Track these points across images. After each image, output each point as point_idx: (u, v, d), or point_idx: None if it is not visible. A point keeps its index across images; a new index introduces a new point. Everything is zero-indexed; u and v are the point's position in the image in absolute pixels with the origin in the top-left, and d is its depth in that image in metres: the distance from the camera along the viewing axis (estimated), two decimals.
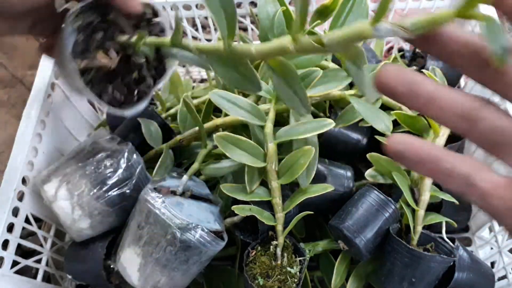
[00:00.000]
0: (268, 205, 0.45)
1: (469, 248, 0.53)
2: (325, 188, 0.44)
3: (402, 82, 0.19)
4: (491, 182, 0.20)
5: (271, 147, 0.44)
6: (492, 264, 0.53)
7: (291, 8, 0.48)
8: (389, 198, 0.45)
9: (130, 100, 0.43)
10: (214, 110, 0.54)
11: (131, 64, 0.42)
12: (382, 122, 0.46)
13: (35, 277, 0.51)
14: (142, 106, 0.43)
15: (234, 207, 0.43)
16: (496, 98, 0.28)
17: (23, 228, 0.49)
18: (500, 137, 0.19)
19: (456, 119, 0.20)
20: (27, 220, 0.50)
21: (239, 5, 0.63)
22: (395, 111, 0.48)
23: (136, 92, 0.43)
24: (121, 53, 0.41)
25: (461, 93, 0.20)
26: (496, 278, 0.49)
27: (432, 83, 0.20)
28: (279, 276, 0.42)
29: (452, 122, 0.20)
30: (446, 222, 0.46)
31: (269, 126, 0.44)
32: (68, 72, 0.38)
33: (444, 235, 0.46)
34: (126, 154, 0.48)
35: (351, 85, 0.49)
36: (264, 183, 0.45)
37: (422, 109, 0.20)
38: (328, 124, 0.43)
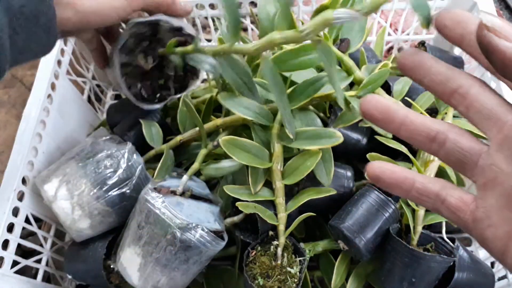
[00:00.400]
0: (270, 205, 0.45)
1: (469, 248, 0.53)
2: (328, 191, 0.44)
3: (379, 109, 0.23)
4: (459, 198, 0.22)
5: (278, 147, 0.44)
6: (492, 264, 0.53)
7: (291, 8, 0.48)
8: (389, 198, 0.45)
9: (151, 99, 0.52)
10: (214, 110, 0.54)
11: (162, 73, 0.51)
12: None
13: (35, 277, 0.51)
14: (158, 106, 0.52)
15: (238, 204, 0.43)
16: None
17: (23, 228, 0.49)
18: (463, 156, 0.22)
19: (425, 141, 0.22)
20: (27, 220, 0.50)
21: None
22: None
23: (158, 95, 0.52)
24: (157, 61, 0.50)
25: (429, 118, 0.22)
26: (496, 278, 0.49)
27: (404, 110, 0.23)
28: (279, 276, 0.42)
29: (422, 143, 0.23)
30: (446, 222, 0.46)
31: (276, 127, 0.45)
32: (113, 63, 0.47)
33: (444, 235, 0.46)
34: (126, 154, 0.48)
35: (351, 86, 0.49)
36: (267, 183, 0.45)
37: (396, 132, 0.23)
38: (336, 139, 0.43)
